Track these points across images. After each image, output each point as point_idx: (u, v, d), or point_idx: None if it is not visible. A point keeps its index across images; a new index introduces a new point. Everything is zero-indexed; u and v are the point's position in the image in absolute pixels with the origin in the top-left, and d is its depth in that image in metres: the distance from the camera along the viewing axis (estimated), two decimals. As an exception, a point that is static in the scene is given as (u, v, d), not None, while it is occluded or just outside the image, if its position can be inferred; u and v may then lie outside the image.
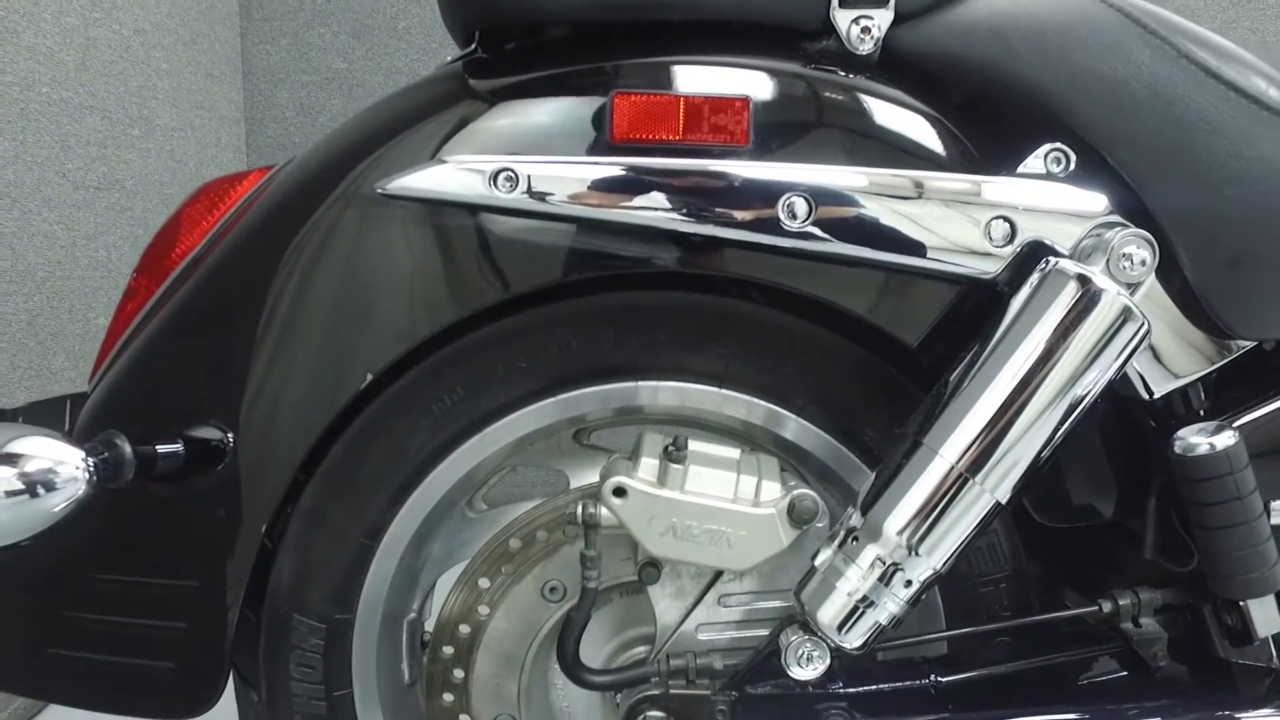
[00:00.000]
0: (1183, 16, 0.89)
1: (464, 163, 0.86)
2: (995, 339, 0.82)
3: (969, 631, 0.92)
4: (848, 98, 0.88)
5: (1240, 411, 0.88)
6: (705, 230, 0.85)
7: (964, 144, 0.88)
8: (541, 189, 0.85)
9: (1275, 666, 0.88)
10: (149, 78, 2.06)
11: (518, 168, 0.84)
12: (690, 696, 0.88)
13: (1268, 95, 0.84)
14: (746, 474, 0.89)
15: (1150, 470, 0.91)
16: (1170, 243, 0.84)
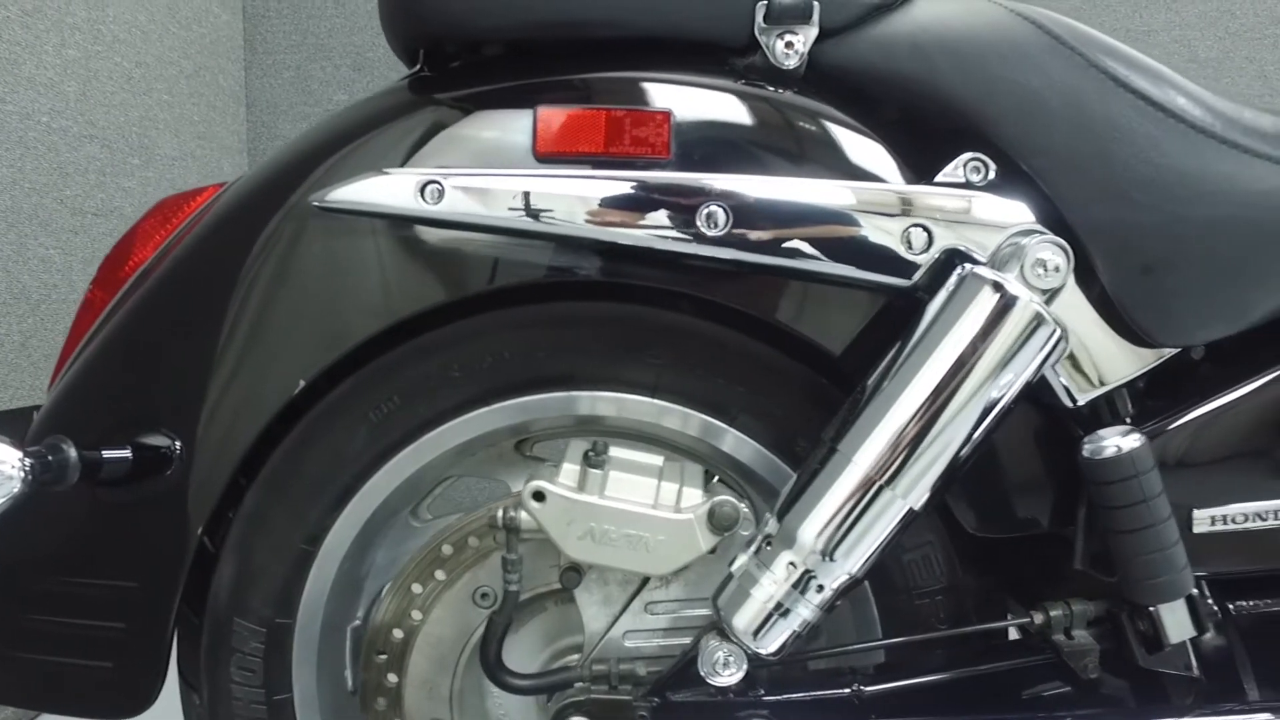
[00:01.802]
0: (1178, 47, 0.91)
1: (393, 175, 0.88)
2: (909, 346, 0.83)
3: (896, 642, 0.92)
4: (770, 111, 0.90)
5: (1167, 418, 0.88)
6: (625, 240, 0.86)
7: (887, 155, 0.89)
8: (466, 200, 0.87)
9: (1196, 676, 0.87)
10: (150, 109, 2.12)
11: (444, 180, 0.87)
12: (612, 702, 0.89)
13: (1175, 103, 0.84)
14: (668, 480, 0.90)
15: (1079, 479, 0.91)
16: (1086, 250, 0.85)
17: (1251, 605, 0.92)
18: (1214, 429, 0.88)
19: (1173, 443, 0.88)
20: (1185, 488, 0.88)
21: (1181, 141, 0.84)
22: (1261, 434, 0.88)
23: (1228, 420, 0.88)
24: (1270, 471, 0.89)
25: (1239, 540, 0.89)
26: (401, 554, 1.05)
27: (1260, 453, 0.89)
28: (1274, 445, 0.89)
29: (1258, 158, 0.84)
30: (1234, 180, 0.84)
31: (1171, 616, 0.84)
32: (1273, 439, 0.89)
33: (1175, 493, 0.88)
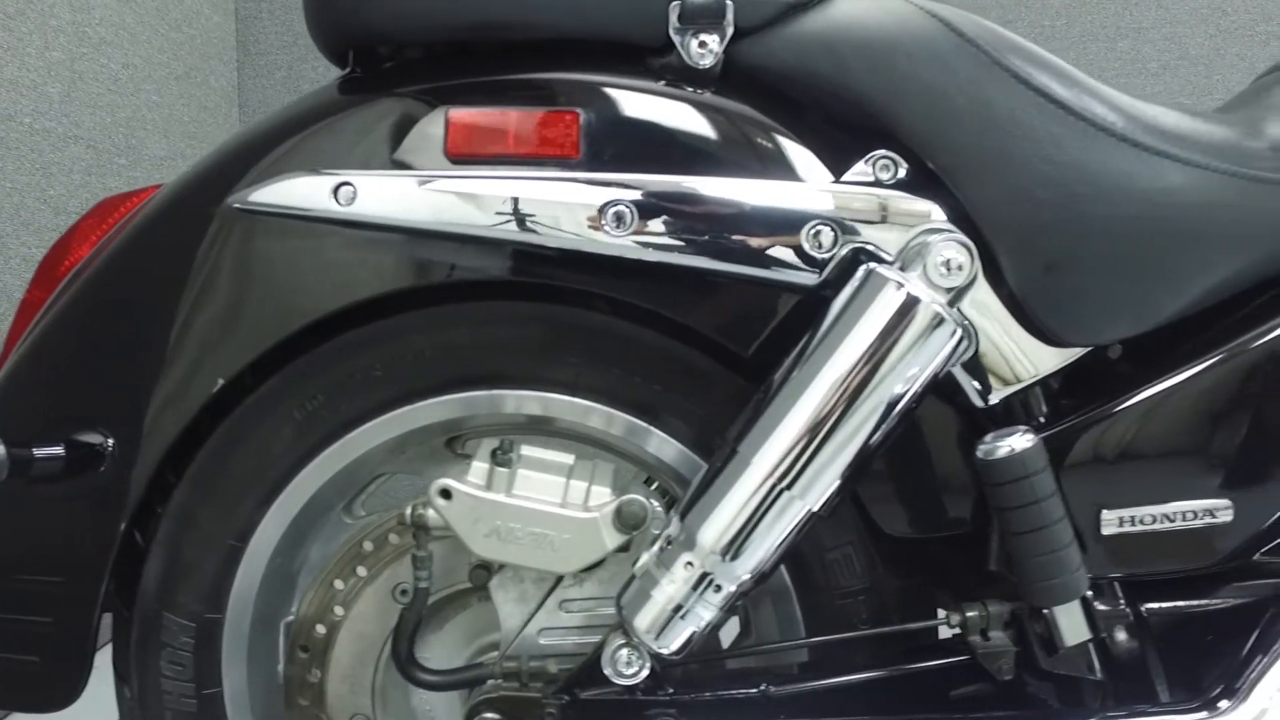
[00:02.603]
0: (1168, 44, 0.91)
1: (308, 177, 0.89)
2: (810, 346, 0.83)
3: (807, 642, 0.92)
4: (682, 111, 0.90)
5: (1075, 417, 0.88)
6: (530, 240, 0.87)
7: (800, 154, 0.89)
8: (378, 202, 0.88)
9: (1099, 678, 0.86)
10: (138, 110, 2.14)
11: (356, 181, 0.88)
12: (521, 699, 0.89)
13: (1076, 101, 0.84)
14: (578, 479, 0.90)
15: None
16: (992, 248, 0.85)
17: (1164, 607, 0.91)
18: (1122, 429, 0.87)
19: (1081, 442, 0.87)
20: (1094, 488, 0.88)
21: (1082, 139, 0.83)
22: (1169, 435, 0.88)
23: (1135, 420, 0.87)
24: (1177, 473, 0.88)
25: (1148, 542, 0.88)
26: (334, 550, 1.06)
27: (1168, 454, 0.88)
28: (1181, 446, 0.88)
29: (1158, 155, 0.84)
30: (1134, 178, 0.83)
31: (1067, 619, 0.84)
32: (1179, 440, 0.88)
33: (1084, 493, 0.88)
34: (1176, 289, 0.86)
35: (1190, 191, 0.84)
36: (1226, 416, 0.88)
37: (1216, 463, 0.88)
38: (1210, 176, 0.84)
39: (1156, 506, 0.87)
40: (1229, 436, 0.88)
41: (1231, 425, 0.88)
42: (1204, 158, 0.84)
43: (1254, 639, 0.87)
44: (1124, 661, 0.88)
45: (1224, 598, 0.92)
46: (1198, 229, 0.84)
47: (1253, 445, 0.89)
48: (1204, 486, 0.88)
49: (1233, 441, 0.89)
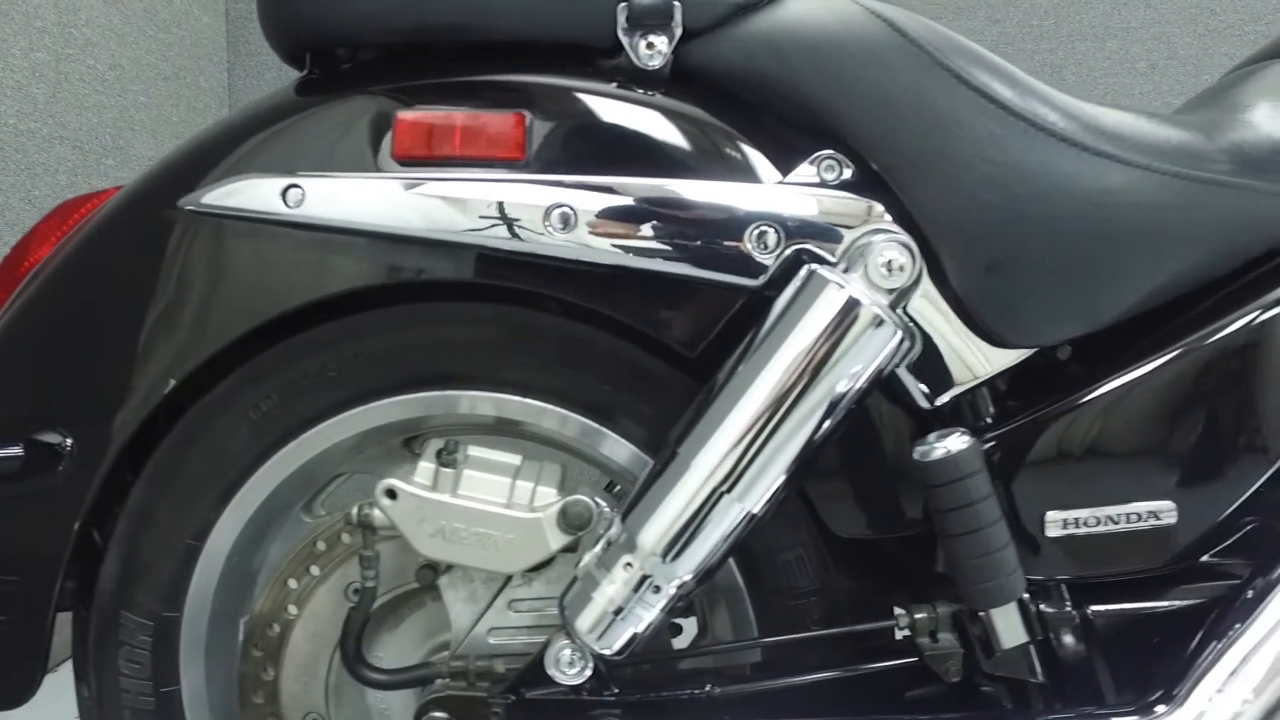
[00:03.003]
0: (1157, 44, 0.91)
1: (258, 179, 0.90)
2: (750, 348, 0.83)
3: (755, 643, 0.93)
4: (629, 112, 0.90)
5: (1021, 419, 0.88)
6: (477, 241, 0.87)
7: (748, 155, 0.89)
8: (326, 204, 0.88)
9: (1040, 681, 0.86)
10: (125, 110, 2.16)
11: (304, 183, 0.88)
12: (468, 698, 0.90)
13: (1016, 101, 0.84)
14: (524, 479, 0.91)
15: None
16: (935, 249, 0.85)
17: (1112, 610, 0.91)
18: (1065, 431, 0.88)
19: (1025, 444, 0.87)
20: (1038, 490, 0.88)
21: (1023, 140, 0.83)
22: (1112, 437, 0.88)
23: (1079, 422, 0.88)
24: (1120, 475, 0.88)
25: (1093, 544, 0.88)
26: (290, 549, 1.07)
27: (1111, 456, 0.88)
28: (1124, 448, 0.88)
29: (1099, 156, 0.84)
30: (1075, 179, 0.83)
31: (1004, 621, 0.84)
32: (1123, 442, 0.88)
33: (1029, 495, 0.88)
34: (1120, 290, 0.86)
35: (1131, 192, 0.84)
36: (1170, 419, 0.88)
37: (1160, 465, 0.88)
38: (1151, 177, 0.84)
39: (1100, 508, 0.87)
40: (1173, 438, 0.88)
41: (1175, 427, 0.88)
42: (1145, 158, 0.84)
43: (1195, 642, 0.87)
44: (1071, 664, 0.88)
45: (1172, 600, 0.92)
46: (1139, 229, 0.84)
47: (1196, 447, 0.89)
48: (1148, 488, 0.88)
49: (1176, 444, 0.88)
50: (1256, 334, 0.88)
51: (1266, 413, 0.89)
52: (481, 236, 0.87)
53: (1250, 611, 0.86)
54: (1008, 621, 0.84)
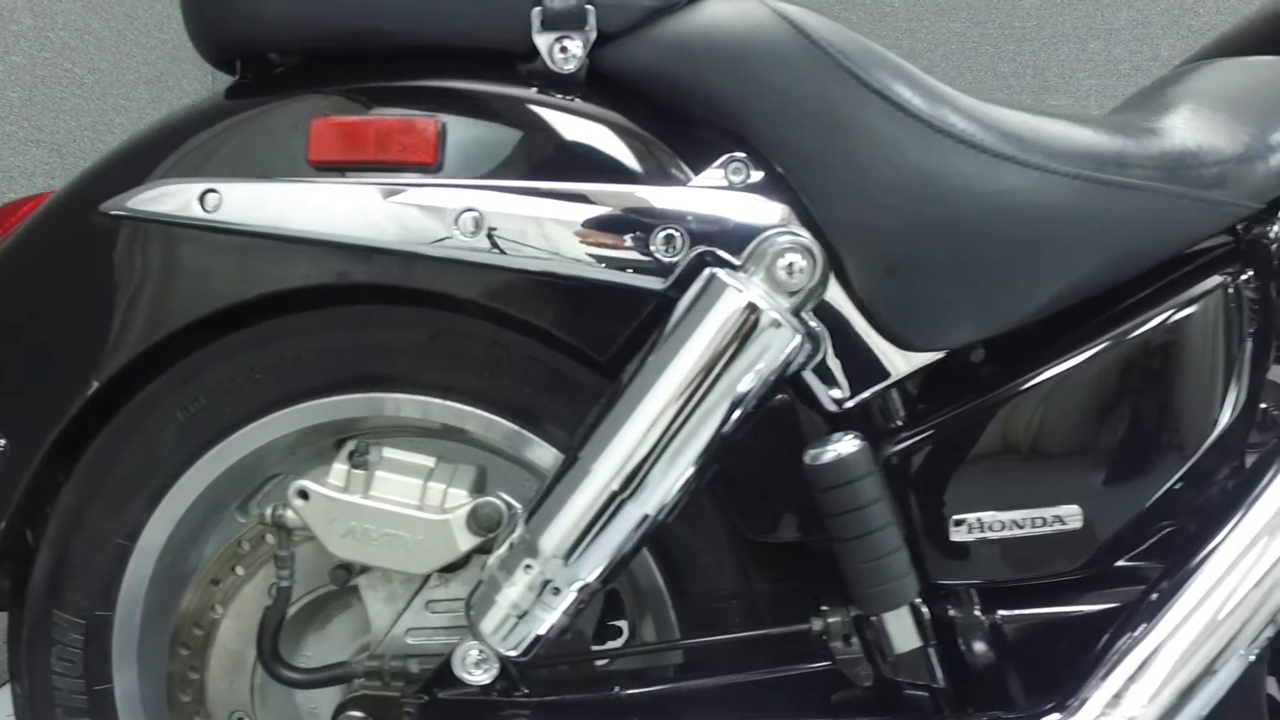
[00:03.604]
0: (1140, 45, 0.91)
1: (176, 184, 0.91)
2: (649, 352, 0.84)
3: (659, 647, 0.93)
4: (541, 117, 0.91)
5: (927, 423, 0.88)
6: (388, 246, 0.88)
7: (659, 158, 0.90)
8: (241, 208, 0.89)
9: (941, 686, 0.86)
10: (105, 113, 2.17)
11: (222, 188, 0.90)
12: (383, 698, 0.91)
13: (914, 103, 0.84)
14: (436, 481, 0.92)
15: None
16: (837, 252, 0.85)
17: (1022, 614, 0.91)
18: (970, 434, 0.88)
19: (930, 447, 0.88)
20: (944, 494, 0.88)
21: (922, 142, 0.83)
22: (1017, 441, 0.88)
23: (983, 426, 0.88)
24: (1024, 479, 0.88)
25: (998, 548, 0.88)
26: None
27: (1016, 460, 0.88)
28: (1028, 453, 0.88)
29: (997, 157, 0.83)
30: (973, 180, 0.83)
31: (895, 626, 0.84)
32: (1027, 447, 0.88)
33: (933, 499, 0.88)
34: (1023, 292, 0.86)
35: (1031, 194, 0.83)
36: (1076, 423, 0.88)
37: (1065, 469, 0.88)
38: (1052, 179, 0.84)
39: (1006, 513, 0.87)
40: (1078, 443, 0.88)
41: (1081, 432, 0.88)
42: (1047, 161, 0.84)
43: (1098, 649, 0.87)
44: (980, 669, 0.89)
45: (1085, 605, 0.92)
46: (1040, 232, 0.84)
47: (1102, 452, 0.89)
48: (1053, 493, 0.88)
49: (1082, 448, 0.88)
50: (1160, 337, 0.88)
51: (1172, 417, 0.89)
52: (393, 241, 0.88)
53: (1150, 617, 0.86)
54: (900, 626, 0.84)
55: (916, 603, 0.84)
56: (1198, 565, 0.87)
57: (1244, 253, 0.94)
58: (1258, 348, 0.92)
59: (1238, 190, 0.88)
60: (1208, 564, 0.87)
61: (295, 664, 1.01)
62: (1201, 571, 0.87)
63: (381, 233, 0.88)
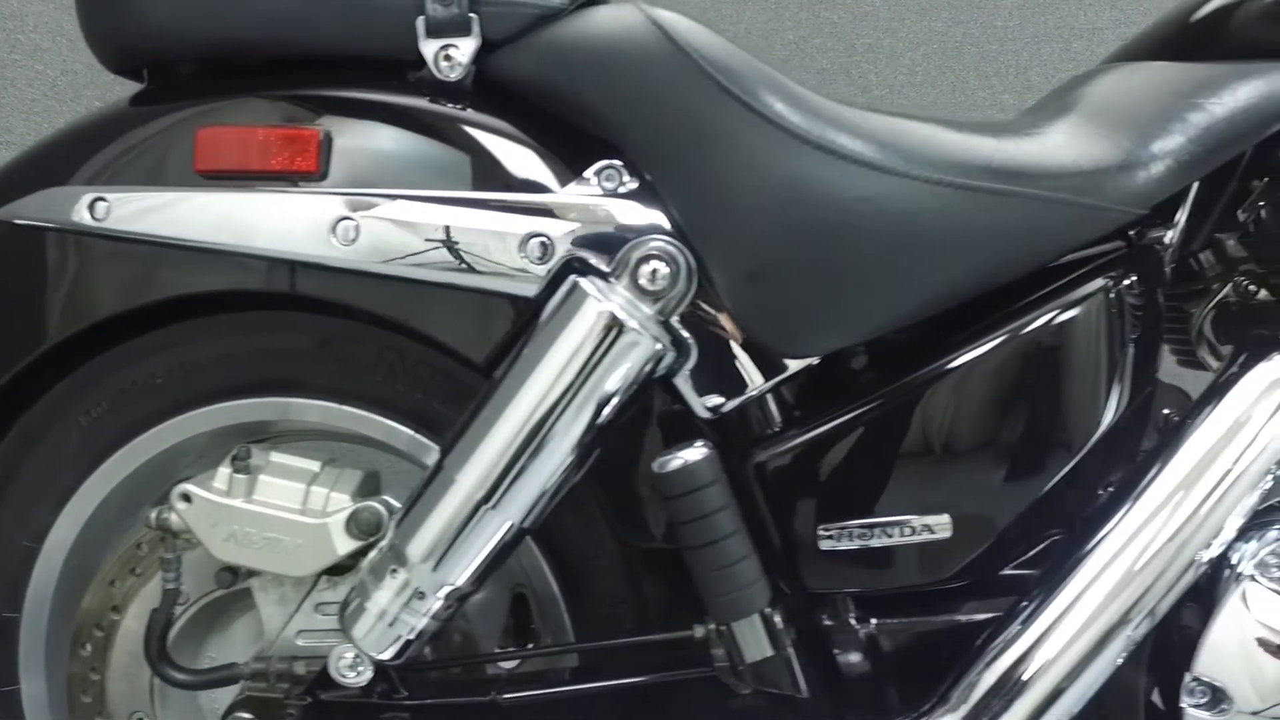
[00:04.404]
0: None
1: (66, 191, 0.92)
2: (513, 361, 0.84)
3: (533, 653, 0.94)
4: (422, 125, 0.92)
5: (797, 429, 0.88)
6: (269, 253, 0.89)
7: (538, 165, 0.90)
8: (129, 216, 0.91)
9: (804, 697, 0.86)
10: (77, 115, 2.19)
11: (110, 196, 0.91)
12: (267, 700, 0.92)
13: (773, 108, 0.84)
14: (320, 486, 0.93)
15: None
16: (703, 258, 0.85)
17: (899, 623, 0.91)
18: (840, 442, 0.88)
19: (799, 455, 0.88)
20: (812, 502, 0.88)
21: (780, 147, 0.83)
22: (884, 450, 0.88)
23: (851, 434, 0.88)
24: (892, 488, 0.88)
25: (868, 557, 0.88)
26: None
27: (883, 469, 0.88)
28: (896, 462, 0.88)
29: (856, 164, 0.83)
30: (831, 187, 0.83)
31: (745, 634, 0.83)
32: (894, 456, 0.88)
33: (803, 507, 0.88)
34: (887, 299, 0.85)
35: (891, 201, 0.83)
36: (945, 431, 0.88)
37: (932, 479, 0.88)
38: (912, 185, 0.83)
39: (874, 521, 0.87)
40: (948, 451, 0.88)
41: (951, 440, 0.88)
42: (908, 166, 0.83)
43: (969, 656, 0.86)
44: (854, 678, 0.88)
45: (969, 613, 0.92)
46: (901, 238, 0.84)
47: (972, 460, 0.88)
48: (920, 502, 0.87)
49: (952, 456, 0.88)
50: (1036, 342, 0.88)
51: (1046, 423, 0.89)
52: (273, 250, 0.89)
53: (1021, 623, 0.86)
54: (751, 634, 0.83)
55: (768, 611, 0.84)
56: (1070, 569, 0.87)
57: (1133, 258, 0.93)
58: (1142, 352, 0.92)
59: (1118, 196, 0.87)
60: (1080, 568, 0.87)
61: (200, 665, 1.02)
62: (1074, 576, 0.87)
63: (262, 241, 0.89)
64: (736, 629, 0.83)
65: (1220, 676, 0.86)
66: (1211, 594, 0.88)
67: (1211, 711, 0.86)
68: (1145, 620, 0.86)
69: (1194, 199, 0.97)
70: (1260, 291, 1.00)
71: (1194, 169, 0.91)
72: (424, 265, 0.87)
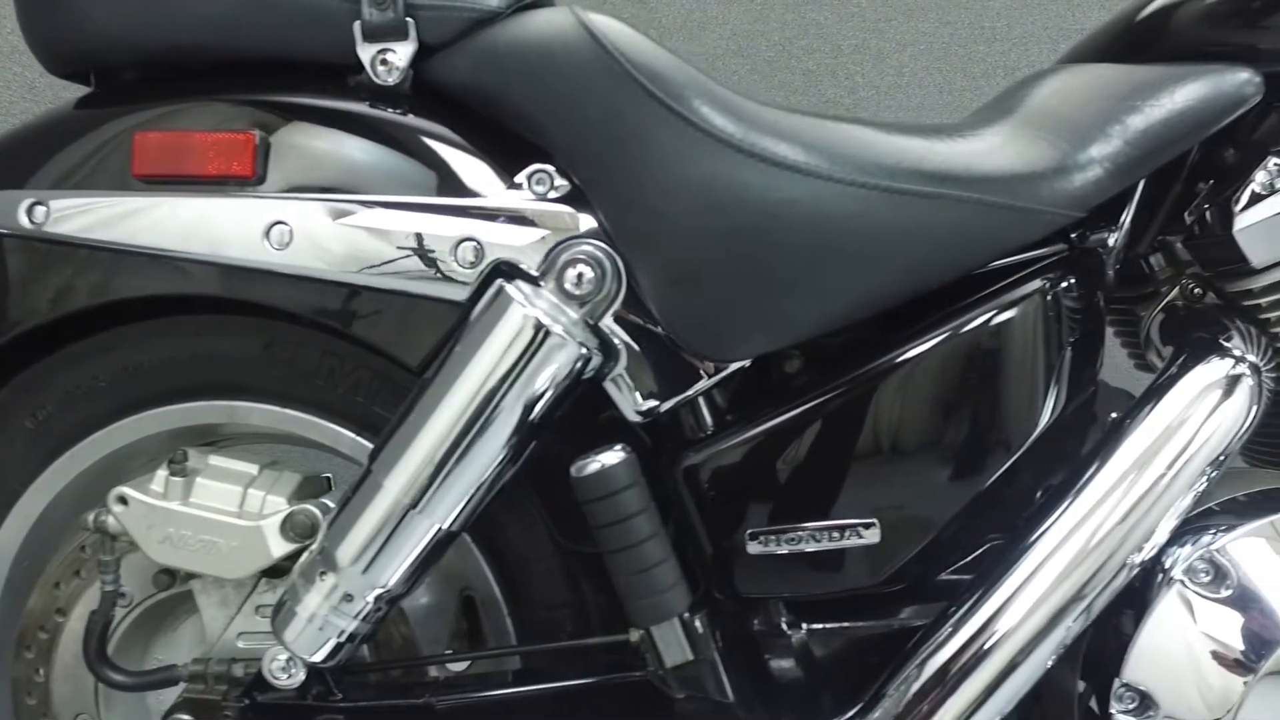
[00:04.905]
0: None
1: (4, 196, 0.93)
2: (440, 366, 0.84)
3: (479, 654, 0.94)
4: (358, 129, 0.92)
5: (725, 434, 0.88)
6: (205, 258, 0.90)
7: (472, 169, 0.90)
8: (67, 220, 0.91)
9: (729, 701, 0.86)
10: (43, 119, 2.21)
11: (48, 200, 0.91)
12: (206, 701, 0.92)
13: (696, 112, 0.83)
14: (257, 489, 0.93)
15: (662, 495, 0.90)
16: (629, 262, 0.85)
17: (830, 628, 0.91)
18: (768, 446, 0.88)
19: (727, 460, 0.87)
20: (740, 506, 0.88)
21: (701, 151, 0.83)
22: (812, 454, 0.88)
23: (781, 438, 0.87)
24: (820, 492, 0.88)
25: (797, 562, 0.88)
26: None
27: (811, 473, 0.88)
28: (824, 466, 0.88)
29: (778, 166, 0.82)
30: (753, 190, 0.83)
31: (665, 638, 0.83)
32: (822, 460, 0.88)
33: (731, 512, 0.88)
34: (813, 303, 0.85)
35: (813, 204, 0.82)
36: (874, 435, 0.87)
37: (861, 483, 0.88)
38: (834, 188, 0.82)
39: (802, 526, 0.87)
40: (876, 456, 0.88)
41: (879, 444, 0.88)
42: (831, 169, 0.83)
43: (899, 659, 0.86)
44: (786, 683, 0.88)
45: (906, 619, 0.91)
46: (825, 242, 0.83)
47: (898, 466, 0.88)
48: (849, 506, 0.87)
49: (880, 461, 0.88)
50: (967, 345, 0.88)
51: (977, 428, 0.89)
52: (209, 254, 0.89)
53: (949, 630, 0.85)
54: (670, 639, 0.83)
55: (687, 616, 0.84)
56: (1002, 572, 0.87)
57: (1074, 260, 0.93)
58: (1080, 354, 0.91)
59: (1053, 199, 0.87)
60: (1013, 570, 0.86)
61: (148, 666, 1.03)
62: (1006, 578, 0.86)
63: (198, 246, 0.89)
64: (656, 633, 0.83)
65: (1148, 683, 0.85)
66: (1145, 598, 0.87)
67: (1139, 718, 0.85)
68: (1075, 624, 0.85)
69: (1139, 201, 0.97)
70: (1207, 294, 1.00)
71: (1131, 172, 0.90)
72: (357, 270, 0.87)
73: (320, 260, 0.87)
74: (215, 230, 0.89)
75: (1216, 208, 0.95)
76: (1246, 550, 0.86)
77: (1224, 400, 0.89)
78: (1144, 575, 0.88)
